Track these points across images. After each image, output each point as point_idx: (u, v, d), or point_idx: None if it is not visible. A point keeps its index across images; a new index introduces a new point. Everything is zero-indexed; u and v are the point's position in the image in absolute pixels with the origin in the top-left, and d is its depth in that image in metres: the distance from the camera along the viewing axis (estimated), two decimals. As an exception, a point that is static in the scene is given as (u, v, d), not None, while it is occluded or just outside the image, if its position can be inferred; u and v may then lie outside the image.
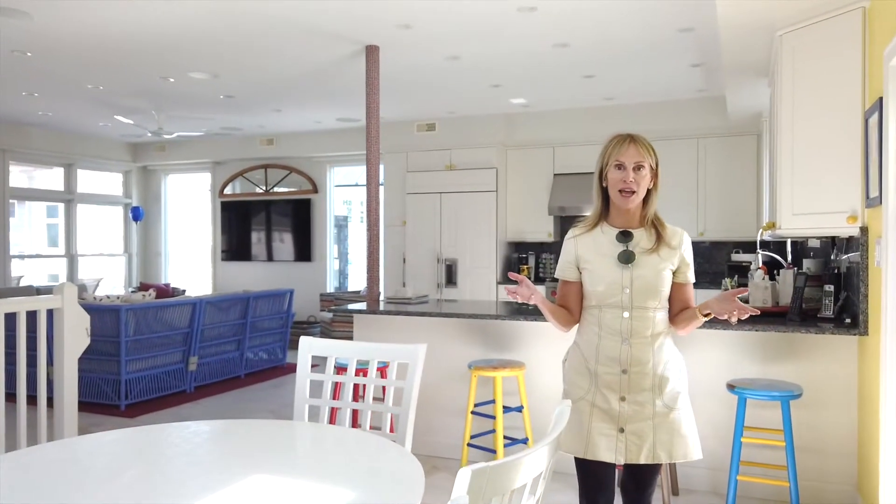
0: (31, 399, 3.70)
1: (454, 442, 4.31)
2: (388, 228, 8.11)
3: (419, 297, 4.93)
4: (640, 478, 2.22)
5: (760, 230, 5.15)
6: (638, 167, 2.12)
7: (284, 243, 9.58)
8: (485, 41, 5.06)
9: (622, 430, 2.11)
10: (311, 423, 2.26)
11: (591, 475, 2.19)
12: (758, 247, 5.32)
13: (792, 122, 3.68)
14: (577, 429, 2.15)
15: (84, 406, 5.64)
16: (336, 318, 7.96)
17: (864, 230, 3.29)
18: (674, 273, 2.17)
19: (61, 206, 9.51)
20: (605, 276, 2.15)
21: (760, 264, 4.76)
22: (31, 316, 3.69)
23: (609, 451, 2.10)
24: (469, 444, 3.97)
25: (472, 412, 3.96)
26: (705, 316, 2.09)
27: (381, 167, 8.18)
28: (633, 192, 2.12)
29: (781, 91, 3.78)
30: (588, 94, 6.82)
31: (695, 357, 3.82)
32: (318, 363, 2.45)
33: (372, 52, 5.08)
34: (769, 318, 3.74)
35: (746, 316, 1.99)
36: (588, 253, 2.21)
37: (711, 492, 3.76)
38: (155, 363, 5.87)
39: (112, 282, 10.12)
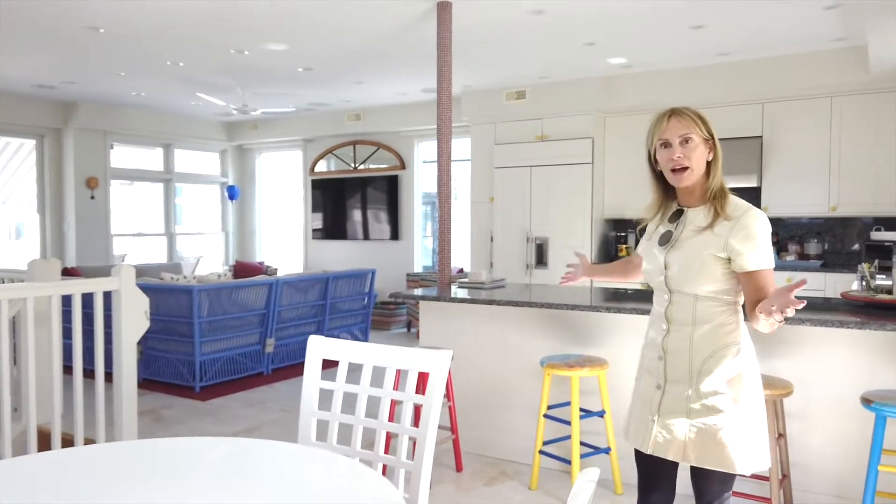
0: (107, 377, 3.56)
1: (527, 445, 3.83)
2: (475, 205, 7.64)
3: (495, 281, 4.45)
4: (694, 482, 2.04)
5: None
6: (685, 140, 1.94)
7: (374, 221, 9.35)
8: (570, -10, 4.45)
9: (652, 419, 2.03)
10: (310, 446, 1.86)
11: (639, 463, 2.14)
12: (905, 224, 4.42)
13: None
14: (628, 411, 2.17)
15: (160, 386, 5.65)
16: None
17: None
18: (730, 261, 1.93)
19: (160, 186, 9.75)
20: (649, 256, 2.10)
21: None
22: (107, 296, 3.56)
23: (638, 437, 2.07)
24: (541, 452, 3.48)
25: (545, 415, 3.47)
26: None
27: (468, 140, 7.73)
28: (686, 168, 1.94)
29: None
30: (697, 50, 5.98)
31: (818, 361, 3.12)
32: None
33: (444, 8, 4.59)
34: (921, 314, 2.97)
35: (791, 313, 1.70)
36: (652, 232, 2.14)
37: (838, 526, 3.07)
38: (231, 344, 5.76)
39: (211, 260, 10.33)
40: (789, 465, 3.08)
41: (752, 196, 6.46)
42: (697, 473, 2.02)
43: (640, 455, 2.11)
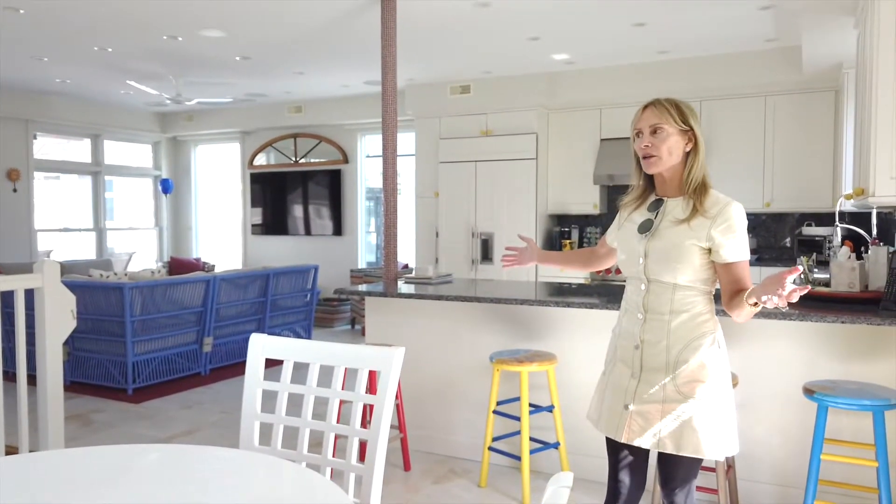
0: (31, 379, 3.30)
1: (477, 442, 3.78)
2: (420, 200, 7.56)
3: (441, 276, 4.38)
4: (661, 468, 2.07)
5: (841, 199, 4.40)
6: (655, 130, 1.98)
7: (316, 217, 9.15)
8: (517, -17, 4.41)
9: (626, 407, 2.02)
10: (252, 451, 1.75)
11: (611, 452, 2.14)
12: (836, 219, 4.58)
13: (893, 65, 3.00)
14: (597, 399, 2.16)
15: (90, 389, 5.36)
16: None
17: None
18: (710, 251, 1.96)
19: (89, 179, 9.28)
20: (626, 244, 2.10)
21: (841, 239, 4.05)
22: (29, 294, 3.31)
23: (611, 426, 2.06)
24: (491, 448, 3.44)
25: (495, 411, 3.42)
26: (752, 305, 1.86)
27: (413, 134, 7.64)
28: (653, 156, 1.99)
29: (878, 29, 3.13)
30: (639, 47, 6.06)
31: (761, 352, 3.18)
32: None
33: (388, -3, 4.48)
34: (857, 305, 3.06)
35: (796, 298, 1.70)
36: (623, 219, 2.16)
37: (780, 514, 3.13)
38: (166, 344, 5.51)
39: (145, 256, 9.91)
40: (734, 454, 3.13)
41: (691, 192, 6.59)
42: (666, 460, 2.03)
43: (612, 443, 2.11)
